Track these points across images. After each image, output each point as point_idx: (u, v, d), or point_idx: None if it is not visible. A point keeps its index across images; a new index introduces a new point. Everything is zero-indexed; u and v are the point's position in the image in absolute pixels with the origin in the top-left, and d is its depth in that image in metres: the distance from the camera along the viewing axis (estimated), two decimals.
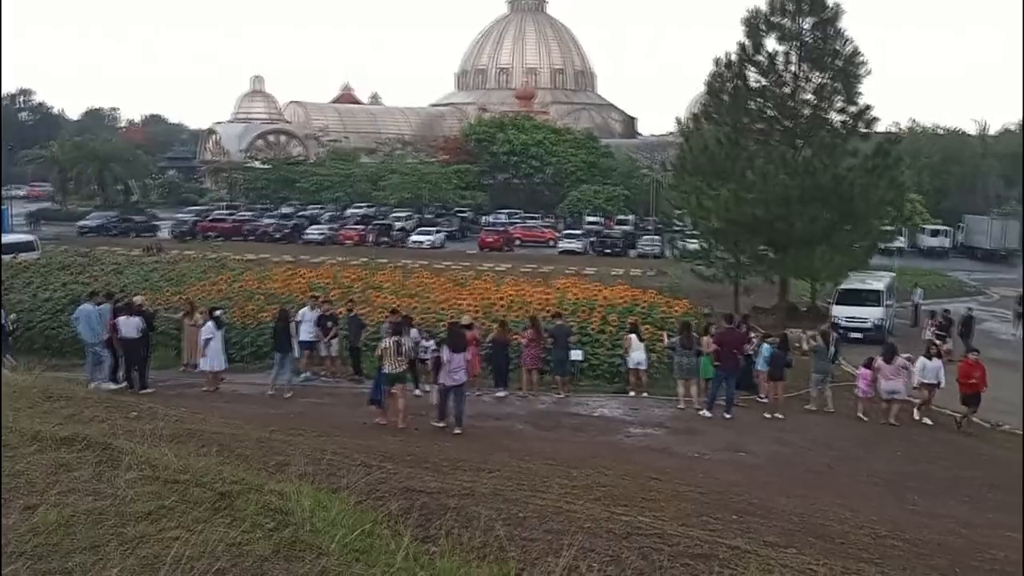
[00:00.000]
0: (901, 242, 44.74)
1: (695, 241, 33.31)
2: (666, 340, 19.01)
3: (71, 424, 6.81)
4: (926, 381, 17.67)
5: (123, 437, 6.10)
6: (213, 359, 17.13)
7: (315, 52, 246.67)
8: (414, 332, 16.93)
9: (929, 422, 17.46)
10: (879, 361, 17.63)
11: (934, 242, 58.59)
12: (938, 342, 24.14)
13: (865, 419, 17.62)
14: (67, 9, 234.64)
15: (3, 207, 56.05)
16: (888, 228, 32.30)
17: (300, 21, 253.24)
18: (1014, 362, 22.81)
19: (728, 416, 16.63)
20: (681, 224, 39.13)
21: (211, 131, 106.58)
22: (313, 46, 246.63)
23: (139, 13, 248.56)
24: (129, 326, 16.69)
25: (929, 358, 17.93)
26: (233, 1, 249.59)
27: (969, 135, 77.13)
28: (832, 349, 19.01)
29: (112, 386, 16.37)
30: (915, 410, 17.72)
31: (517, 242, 59.64)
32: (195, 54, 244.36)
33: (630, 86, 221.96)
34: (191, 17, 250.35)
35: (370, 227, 61.12)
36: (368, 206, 75.17)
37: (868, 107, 28.44)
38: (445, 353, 14.69)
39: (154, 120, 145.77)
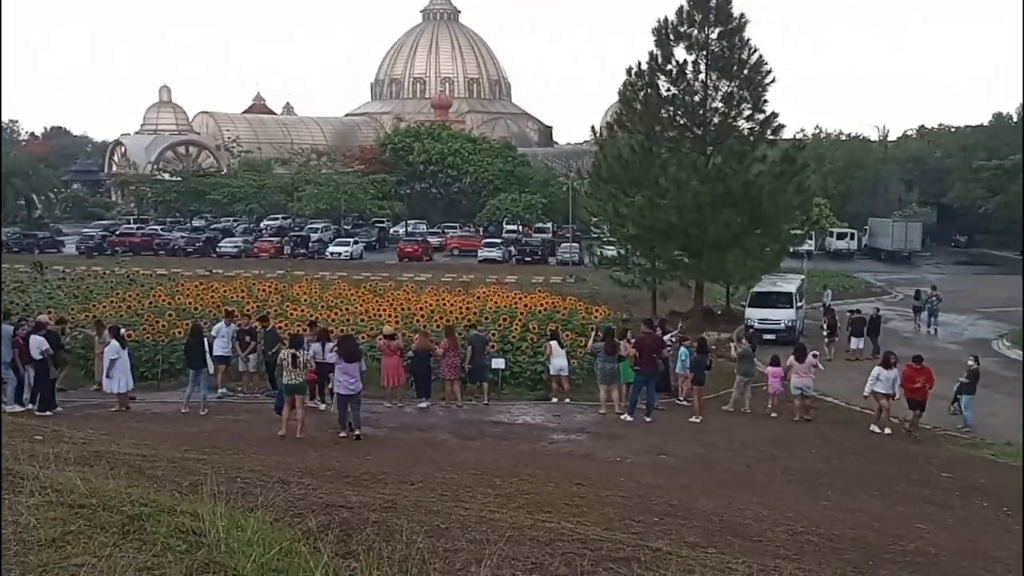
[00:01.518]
0: (809, 245, 46.12)
1: (612, 248, 33.72)
2: (589, 345, 19.15)
3: None
4: (880, 391, 17.29)
5: (25, 461, 5.83)
6: (119, 379, 16.55)
7: (225, 62, 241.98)
8: (315, 346, 16.63)
9: (887, 431, 17.12)
10: (791, 359, 18.33)
11: (840, 244, 60.63)
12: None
13: (775, 415, 18.28)
14: None
15: None
16: (797, 232, 33.28)
17: (210, 30, 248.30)
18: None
19: (648, 420, 16.85)
20: (598, 231, 39.59)
21: (118, 143, 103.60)
22: (223, 56, 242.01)
23: (41, 20, 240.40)
24: (33, 346, 16.05)
25: (886, 367, 17.40)
26: (140, 9, 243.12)
27: (871, 141, 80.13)
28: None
29: (17, 408, 15.70)
30: (873, 424, 17.41)
31: (455, 251, 60.55)
32: (100, 64, 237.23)
33: (546, 95, 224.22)
34: (96, 25, 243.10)
35: (286, 239, 60.16)
36: (284, 217, 74.04)
37: (774, 114, 29.31)
38: (339, 363, 14.82)
39: (57, 132, 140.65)
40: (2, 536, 4.17)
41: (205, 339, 17.53)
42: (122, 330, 17.52)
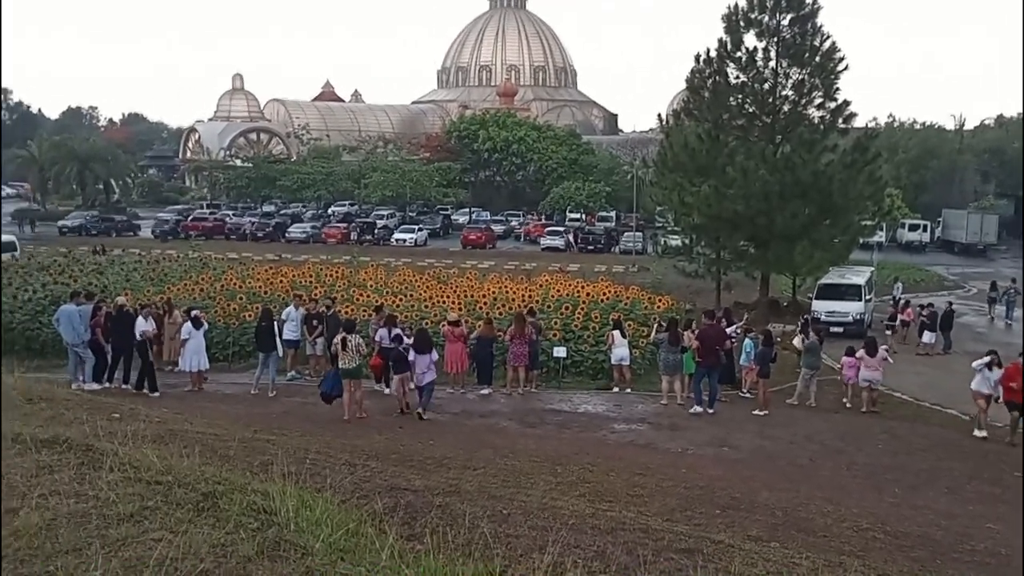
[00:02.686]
0: (880, 237, 44.99)
1: (677, 237, 33.41)
2: (652, 335, 19.08)
3: (52, 426, 6.76)
4: (984, 391, 16.29)
5: (105, 439, 6.06)
6: (191, 359, 17.03)
7: (296, 50, 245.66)
8: (396, 331, 16.96)
9: (983, 434, 16.05)
10: (861, 352, 18.26)
11: (913, 236, 59.03)
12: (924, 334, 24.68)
13: (850, 405, 18.28)
14: (45, 7, 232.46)
15: None
16: (867, 223, 32.50)
17: (281, 19, 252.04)
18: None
19: (711, 411, 16.74)
20: (663, 220, 39.23)
21: (192, 130, 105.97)
22: (294, 45, 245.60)
23: (119, 10, 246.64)
24: (136, 328, 16.70)
25: (992, 368, 16.34)
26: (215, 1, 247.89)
27: (946, 130, 77.74)
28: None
29: (95, 386, 16.27)
30: (976, 429, 16.29)
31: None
32: (176, 52, 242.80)
33: (612, 83, 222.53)
34: (172, 15, 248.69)
35: (353, 225, 60.95)
36: (350, 204, 74.92)
37: (846, 102, 28.64)
38: (412, 355, 15.53)
39: (134, 119, 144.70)
40: (80, 511, 4.36)
41: (275, 323, 17.91)
42: (195, 311, 18.00)
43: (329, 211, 73.32)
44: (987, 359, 16.40)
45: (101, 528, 4.13)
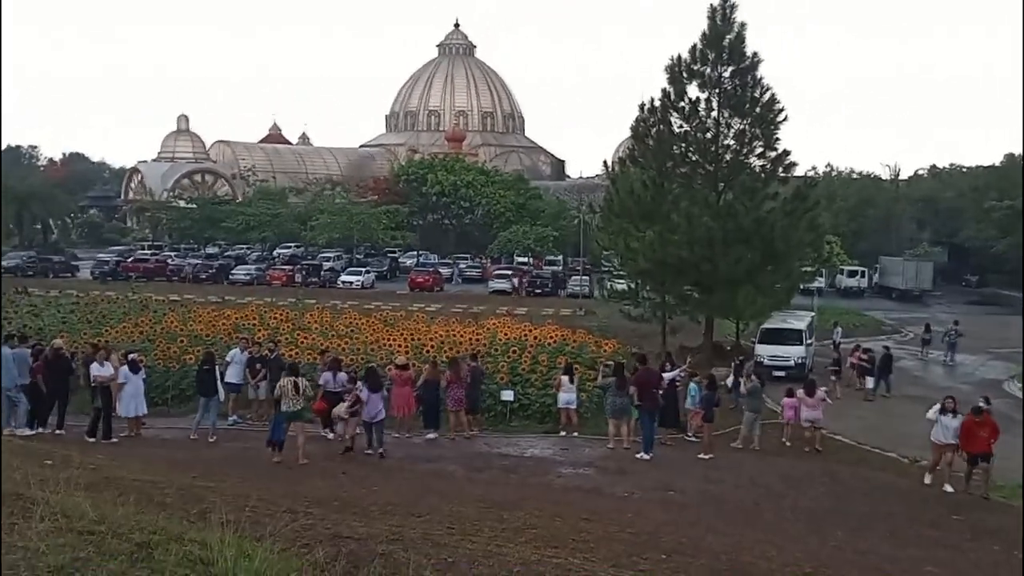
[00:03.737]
0: (820, 282, 46.02)
1: (623, 281, 33.73)
2: (599, 379, 19.16)
3: None
4: (944, 441, 15.72)
5: (36, 486, 5.86)
6: (128, 404, 16.61)
7: (243, 92, 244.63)
8: (342, 375, 16.84)
9: (948, 488, 15.51)
10: (801, 393, 18.78)
11: (851, 282, 60.46)
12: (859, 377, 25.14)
13: (789, 444, 18.72)
14: None
15: None
16: (808, 269, 33.23)
17: (228, 61, 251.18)
18: (929, 398, 23.53)
19: (647, 456, 16.70)
20: (609, 265, 39.62)
21: (135, 170, 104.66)
22: (241, 86, 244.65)
23: (61, 47, 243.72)
24: (95, 372, 16.35)
25: (945, 413, 15.76)
26: (159, 38, 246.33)
27: (882, 180, 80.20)
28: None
29: (27, 432, 15.77)
30: (927, 474, 16.07)
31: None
32: (119, 92, 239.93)
33: (559, 129, 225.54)
34: (115, 53, 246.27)
35: (298, 267, 60.45)
36: (297, 246, 74.42)
37: (786, 152, 29.34)
38: (364, 393, 15.66)
39: (75, 158, 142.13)
40: (8, 563, 4.20)
41: (216, 367, 17.60)
42: (132, 355, 17.60)
43: (275, 253, 72.69)
44: (937, 406, 16.07)
45: None
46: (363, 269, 60.79)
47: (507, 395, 19.48)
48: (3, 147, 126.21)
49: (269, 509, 7.16)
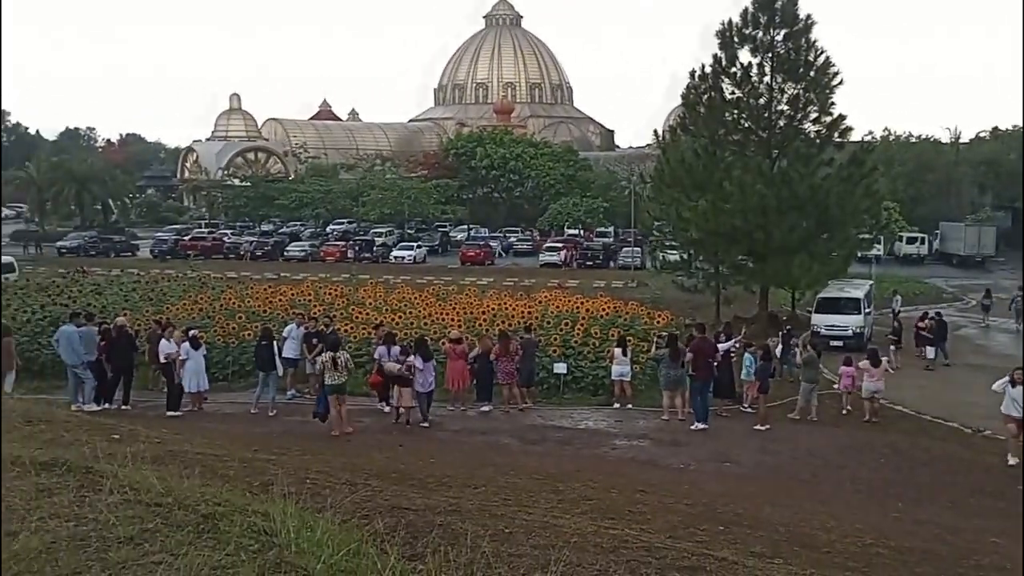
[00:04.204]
0: (878, 250, 45.04)
1: (675, 252, 33.46)
2: (652, 350, 19.08)
3: (52, 448, 6.73)
4: (1013, 414, 15.00)
5: (104, 460, 6.02)
6: (191, 380, 16.99)
7: (293, 70, 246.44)
8: (396, 349, 17.02)
9: (1013, 461, 14.81)
10: (865, 363, 18.50)
11: (911, 249, 59.11)
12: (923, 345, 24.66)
13: (846, 413, 18.60)
14: (42, 29, 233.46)
15: None
16: (865, 236, 32.57)
17: (279, 39, 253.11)
18: (992, 367, 23.00)
19: (703, 426, 16.66)
20: (661, 235, 39.35)
21: (190, 149, 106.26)
22: (291, 64, 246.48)
23: (117, 32, 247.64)
24: (161, 350, 16.70)
25: (1016, 385, 15.07)
26: (211, 20, 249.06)
27: (942, 143, 77.96)
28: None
29: (94, 407, 16.23)
30: (1009, 456, 15.06)
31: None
32: (174, 72, 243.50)
33: (608, 99, 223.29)
34: (170, 36, 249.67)
35: (351, 243, 61.01)
36: (349, 222, 75.03)
37: (842, 116, 28.76)
38: (418, 361, 16.02)
39: (132, 139, 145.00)
40: (79, 533, 4.33)
41: (274, 342, 17.89)
42: (193, 331, 17.97)
43: (327, 229, 73.41)
44: (1006, 379, 15.35)
45: (101, 551, 4.10)
46: (414, 244, 61.16)
47: (560, 368, 19.50)
48: (61, 129, 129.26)
49: (329, 481, 7.29)
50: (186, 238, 63.22)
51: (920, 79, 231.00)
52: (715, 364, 17.61)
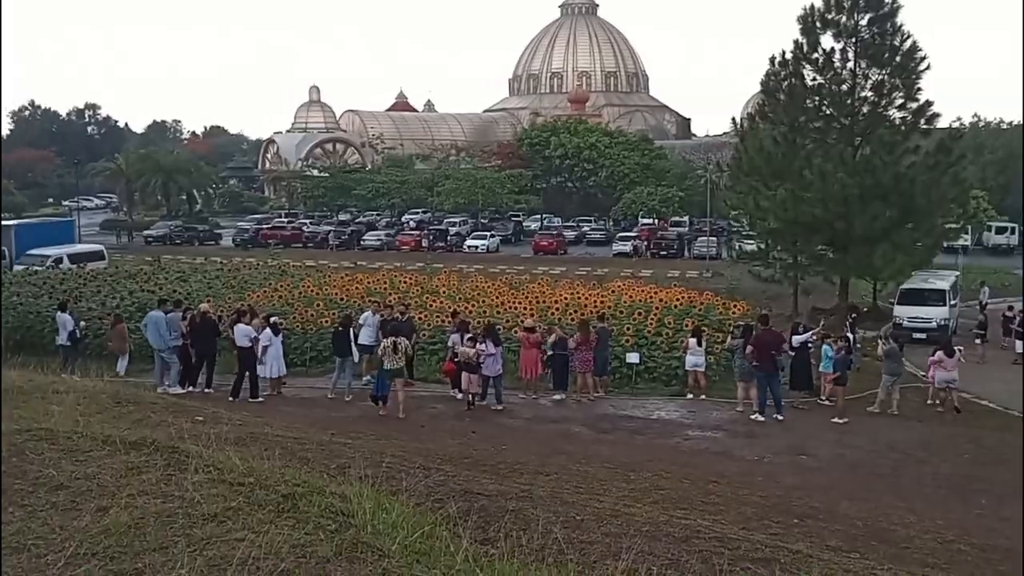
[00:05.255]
0: (966, 240, 43.58)
1: (752, 242, 32.94)
2: (728, 341, 18.87)
3: (140, 428, 7.00)
4: None
5: (190, 441, 6.24)
6: (272, 365, 17.40)
7: (370, 62, 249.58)
8: (454, 336, 17.34)
9: None
10: (940, 354, 18.22)
11: (1000, 239, 57.03)
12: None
13: (931, 403, 18.40)
14: (134, 27, 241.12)
15: (72, 218, 57.76)
16: (952, 226, 31.58)
17: (356, 32, 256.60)
18: None
19: (779, 418, 16.44)
20: (738, 225, 38.71)
21: (271, 141, 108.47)
22: (368, 56, 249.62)
23: (203, 30, 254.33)
24: (239, 334, 17.12)
25: None
26: (291, 14, 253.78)
27: None
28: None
29: (179, 390, 16.78)
30: None
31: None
32: (255, 66, 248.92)
33: (684, 87, 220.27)
34: (251, 32, 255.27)
35: (425, 232, 61.59)
36: (424, 212, 75.72)
37: (928, 103, 27.91)
38: (489, 347, 16.38)
39: (215, 131, 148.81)
40: (166, 510, 4.50)
41: (352, 329, 18.21)
42: (274, 318, 18.41)
43: (403, 219, 74.22)
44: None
45: (186, 527, 4.26)
46: (488, 233, 61.39)
47: (632, 358, 19.40)
48: (148, 122, 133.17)
49: (403, 465, 7.42)
50: (266, 227, 64.60)
51: (1014, 64, 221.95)
52: (780, 355, 17.28)
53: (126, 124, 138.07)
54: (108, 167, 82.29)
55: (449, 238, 60.15)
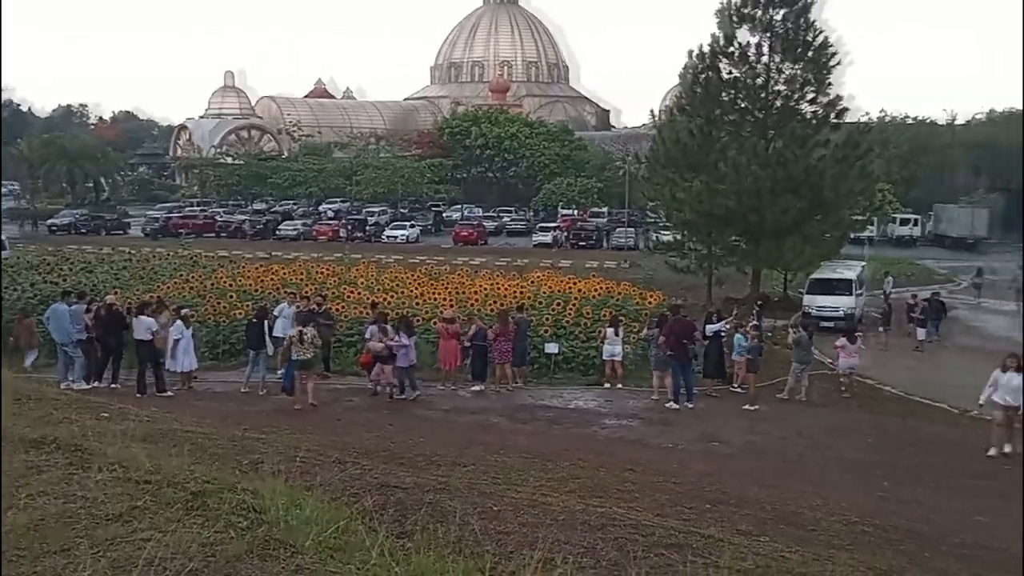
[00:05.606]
0: (871, 231, 45.12)
1: (669, 233, 33.46)
2: (644, 331, 19.15)
3: (41, 426, 6.74)
4: (1004, 402, 13.99)
5: (94, 438, 6.05)
6: (182, 359, 16.98)
7: (288, 47, 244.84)
8: (372, 328, 17.23)
9: (999, 450, 13.99)
10: (842, 340, 19.24)
11: (903, 231, 59.24)
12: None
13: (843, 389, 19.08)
14: (34, 5, 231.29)
15: None
16: (858, 218, 32.63)
17: (273, 16, 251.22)
18: (983, 349, 23.13)
19: (690, 406, 16.76)
20: (655, 216, 39.28)
21: (183, 127, 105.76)
22: (286, 42, 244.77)
23: (109, 8, 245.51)
24: (140, 328, 16.55)
25: (1007, 371, 14.06)
26: None
27: (938, 125, 77.89)
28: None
29: (84, 386, 16.23)
30: (993, 449, 14.07)
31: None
32: (167, 50, 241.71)
33: (604, 79, 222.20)
34: (163, 13, 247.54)
35: (344, 222, 60.86)
36: (342, 201, 74.85)
37: (839, 97, 28.70)
38: (404, 338, 16.46)
39: (125, 117, 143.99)
40: (68, 511, 4.35)
41: (266, 321, 17.88)
42: (184, 310, 17.94)
43: (320, 208, 73.25)
44: (989, 385, 14.34)
45: (90, 528, 4.13)
46: (408, 223, 61.07)
47: (551, 348, 19.55)
48: (54, 107, 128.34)
49: (318, 459, 7.32)
50: (178, 216, 62.96)
51: (918, 61, 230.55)
52: (693, 344, 17.62)
53: (29, 108, 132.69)
54: (10, 153, 78.97)
55: (368, 228, 59.61)
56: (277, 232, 58.38)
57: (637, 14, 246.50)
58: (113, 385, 16.89)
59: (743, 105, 29.44)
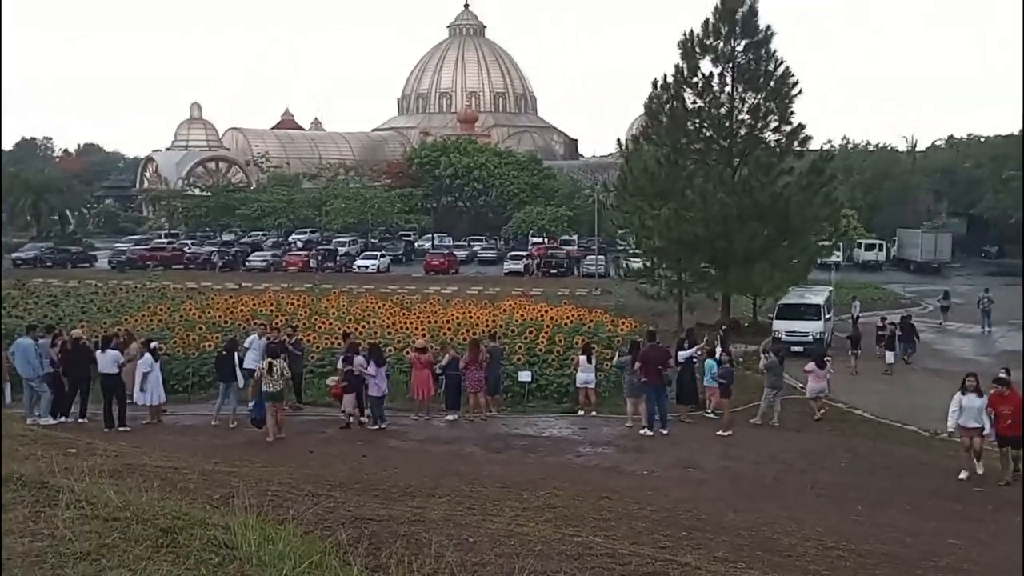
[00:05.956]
0: (837, 256, 45.77)
1: (639, 260, 33.68)
2: (616, 358, 19.16)
3: (6, 462, 6.59)
4: (968, 425, 13.92)
5: (61, 475, 5.93)
6: (152, 392, 16.74)
7: (255, 79, 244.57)
8: (358, 359, 16.98)
9: (969, 472, 13.99)
10: (811, 364, 19.36)
11: (869, 256, 60.12)
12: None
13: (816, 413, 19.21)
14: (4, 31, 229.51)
15: None
16: (825, 243, 33.07)
17: (240, 48, 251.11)
18: (948, 372, 23.40)
19: (664, 432, 16.76)
20: (625, 243, 39.53)
21: (149, 159, 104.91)
22: (253, 74, 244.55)
23: (74, 41, 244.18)
24: (106, 361, 16.29)
25: (967, 392, 13.94)
26: (171, 28, 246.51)
27: (899, 151, 79.39)
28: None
29: (51, 421, 15.94)
30: (961, 471, 14.02)
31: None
32: (133, 81, 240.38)
33: (571, 108, 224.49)
34: (128, 45, 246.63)
35: (314, 252, 60.61)
36: (312, 231, 74.58)
37: (801, 126, 29.22)
38: (372, 368, 16.45)
39: (90, 149, 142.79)
40: (35, 549, 4.25)
41: (236, 353, 17.69)
42: (154, 343, 17.71)
43: (290, 239, 72.92)
44: (954, 408, 14.17)
45: (57, 567, 4.04)
46: (378, 253, 60.95)
47: (524, 376, 19.51)
48: (17, 139, 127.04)
49: (291, 493, 7.23)
50: (145, 248, 62.37)
51: (879, 88, 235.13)
52: (668, 370, 17.66)
53: None
54: None
55: (338, 258, 59.44)
56: (246, 263, 58.01)
57: (603, 45, 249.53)
58: (81, 420, 16.60)
59: (708, 134, 29.87)
